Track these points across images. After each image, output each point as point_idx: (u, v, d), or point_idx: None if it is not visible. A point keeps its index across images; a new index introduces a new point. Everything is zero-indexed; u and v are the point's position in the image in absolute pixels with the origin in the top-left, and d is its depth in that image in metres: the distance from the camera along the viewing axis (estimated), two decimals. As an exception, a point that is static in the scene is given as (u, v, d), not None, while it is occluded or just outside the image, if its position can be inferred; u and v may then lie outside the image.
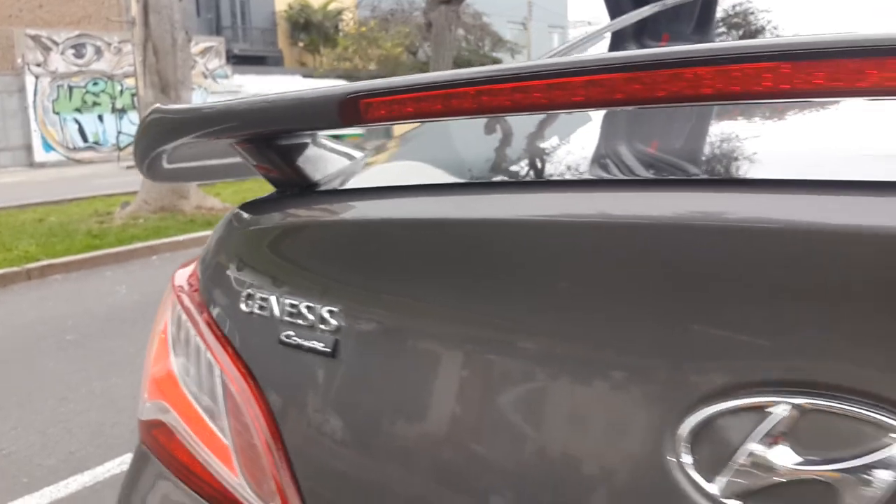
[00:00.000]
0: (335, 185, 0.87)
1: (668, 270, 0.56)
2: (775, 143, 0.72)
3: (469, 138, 0.99)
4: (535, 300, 0.62)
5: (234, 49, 28.95)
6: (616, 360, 0.58)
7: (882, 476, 0.47)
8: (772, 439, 0.50)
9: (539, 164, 0.82)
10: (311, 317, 0.76)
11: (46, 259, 7.00)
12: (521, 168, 0.84)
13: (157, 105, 0.83)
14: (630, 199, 0.61)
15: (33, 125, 23.05)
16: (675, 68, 0.52)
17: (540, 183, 0.74)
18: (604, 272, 0.59)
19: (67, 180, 17.20)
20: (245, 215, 0.89)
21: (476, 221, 0.67)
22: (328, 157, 0.92)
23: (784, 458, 0.50)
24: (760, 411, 0.51)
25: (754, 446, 0.51)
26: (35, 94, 23.05)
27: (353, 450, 0.73)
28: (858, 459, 0.48)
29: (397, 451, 0.70)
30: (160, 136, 0.82)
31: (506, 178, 0.81)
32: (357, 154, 1.03)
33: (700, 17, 1.94)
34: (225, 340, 0.86)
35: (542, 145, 0.92)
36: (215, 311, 0.89)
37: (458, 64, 28.88)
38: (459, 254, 0.67)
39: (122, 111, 24.18)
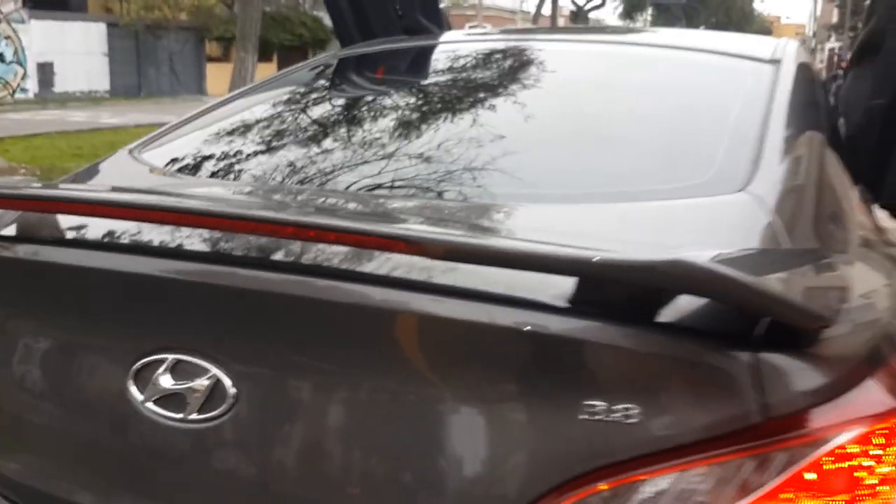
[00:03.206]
0: None
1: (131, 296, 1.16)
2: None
3: None
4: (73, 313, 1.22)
5: (32, -9, 27.11)
6: (109, 341, 1.19)
7: (206, 385, 1.07)
8: (164, 371, 1.11)
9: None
10: None
11: None
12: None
13: None
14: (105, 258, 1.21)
15: None
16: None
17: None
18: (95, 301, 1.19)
19: None
20: None
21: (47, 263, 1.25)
22: None
23: (167, 380, 1.11)
24: (160, 363, 1.11)
25: (158, 375, 1.12)
26: None
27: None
28: (194, 381, 1.10)
29: (21, 409, 1.28)
30: None
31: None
32: None
33: (415, 59, 2.51)
34: None
35: None
36: None
37: (276, 21, 28.55)
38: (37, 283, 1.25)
39: None
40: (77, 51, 27.58)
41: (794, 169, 1.42)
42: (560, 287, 0.93)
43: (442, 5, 3.46)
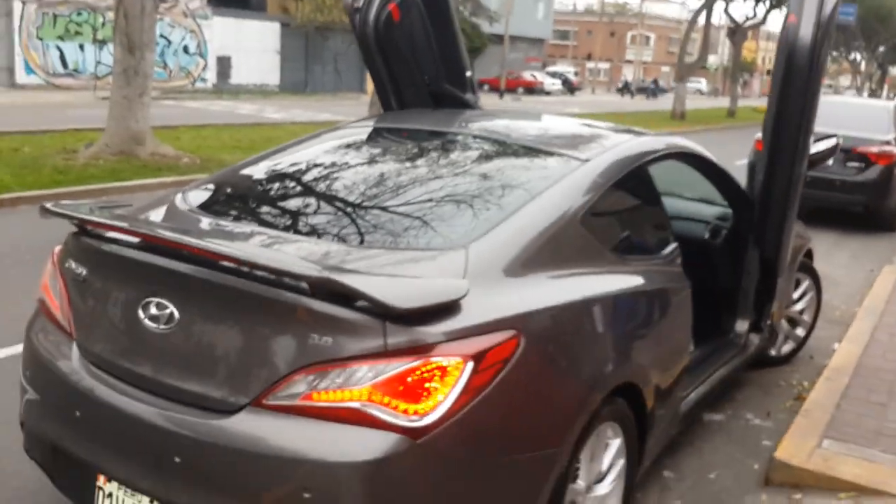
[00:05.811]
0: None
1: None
2: None
3: None
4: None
5: (217, -10, 29.79)
6: (133, 291, 2.23)
7: (168, 313, 2.21)
8: (152, 305, 2.20)
9: None
10: (80, 269, 2.39)
11: (19, 191, 8.56)
12: None
13: None
14: None
15: (17, 48, 24.18)
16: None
17: None
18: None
19: (45, 107, 18.32)
20: (73, 238, 2.51)
21: None
22: None
23: (153, 309, 2.20)
24: (151, 301, 2.20)
25: (150, 306, 2.20)
26: (21, 19, 24.16)
27: (89, 308, 2.38)
28: (163, 311, 2.21)
29: (93, 318, 2.37)
30: None
31: None
32: None
33: (437, 146, 3.29)
34: (62, 274, 2.51)
35: None
36: (62, 262, 2.53)
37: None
38: None
39: (103, 42, 25.18)
40: (253, 47, 30.08)
41: (512, 239, 2.34)
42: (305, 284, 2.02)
43: (468, 73, 4.05)
